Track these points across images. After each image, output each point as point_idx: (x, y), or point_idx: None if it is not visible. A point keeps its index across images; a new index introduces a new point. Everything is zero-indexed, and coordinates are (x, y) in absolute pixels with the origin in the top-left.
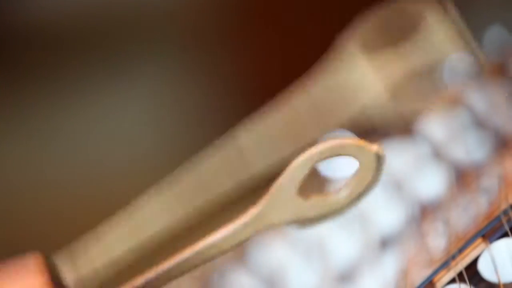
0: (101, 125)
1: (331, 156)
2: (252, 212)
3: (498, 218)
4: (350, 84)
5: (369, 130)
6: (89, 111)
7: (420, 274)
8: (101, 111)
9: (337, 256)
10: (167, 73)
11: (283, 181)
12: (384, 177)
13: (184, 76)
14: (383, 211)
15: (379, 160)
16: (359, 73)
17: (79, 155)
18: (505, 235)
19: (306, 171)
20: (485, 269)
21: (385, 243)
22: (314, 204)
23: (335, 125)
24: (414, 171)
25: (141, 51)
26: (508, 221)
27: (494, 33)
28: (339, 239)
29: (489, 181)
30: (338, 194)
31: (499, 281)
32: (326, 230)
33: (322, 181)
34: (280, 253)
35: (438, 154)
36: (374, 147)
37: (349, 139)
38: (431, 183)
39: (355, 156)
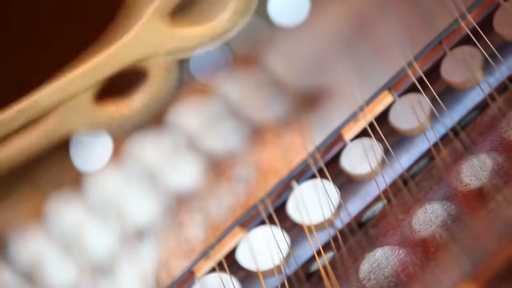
0: None
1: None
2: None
3: (255, 207)
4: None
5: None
6: None
7: (180, 265)
8: None
9: (93, 249)
10: None
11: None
12: (138, 168)
13: None
14: (137, 202)
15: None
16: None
17: None
18: (263, 223)
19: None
20: (243, 258)
21: (142, 235)
22: (108, 111)
23: None
24: (168, 162)
25: None
26: (265, 209)
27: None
28: (95, 232)
29: (245, 170)
30: (132, 101)
31: (257, 269)
32: (82, 222)
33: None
34: (38, 246)
35: (192, 144)
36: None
37: None
38: (186, 173)
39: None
